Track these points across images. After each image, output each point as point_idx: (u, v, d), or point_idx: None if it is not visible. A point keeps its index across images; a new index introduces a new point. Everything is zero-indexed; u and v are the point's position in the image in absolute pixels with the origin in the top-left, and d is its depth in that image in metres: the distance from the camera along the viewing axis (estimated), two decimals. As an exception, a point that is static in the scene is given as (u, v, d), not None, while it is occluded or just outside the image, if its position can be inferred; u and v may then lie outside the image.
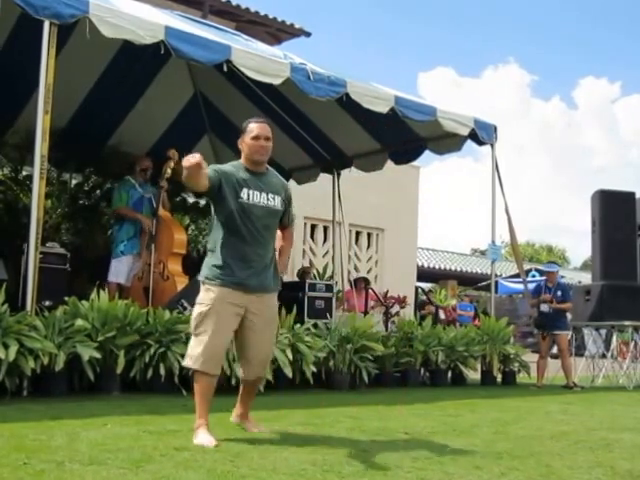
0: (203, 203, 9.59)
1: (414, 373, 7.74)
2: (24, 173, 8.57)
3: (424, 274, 20.70)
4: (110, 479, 2.77)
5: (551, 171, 70.11)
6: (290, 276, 10.30)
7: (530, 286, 10.11)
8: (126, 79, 8.42)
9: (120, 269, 7.37)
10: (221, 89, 8.91)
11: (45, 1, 5.34)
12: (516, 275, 18.74)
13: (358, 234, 14.58)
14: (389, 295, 11.90)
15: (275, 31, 12.24)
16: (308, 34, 12.50)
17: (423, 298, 15.03)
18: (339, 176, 10.01)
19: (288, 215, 4.09)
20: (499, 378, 8.46)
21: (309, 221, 13.24)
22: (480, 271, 24.00)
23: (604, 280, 9.30)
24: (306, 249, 13.57)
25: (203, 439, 3.54)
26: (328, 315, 7.76)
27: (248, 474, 2.93)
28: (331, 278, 10.68)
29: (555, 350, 9.36)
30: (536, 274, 18.50)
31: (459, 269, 23.98)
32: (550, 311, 8.75)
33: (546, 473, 3.26)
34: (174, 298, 6.52)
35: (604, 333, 10.42)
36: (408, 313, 10.91)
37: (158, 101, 9.07)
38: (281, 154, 8.25)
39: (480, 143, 8.70)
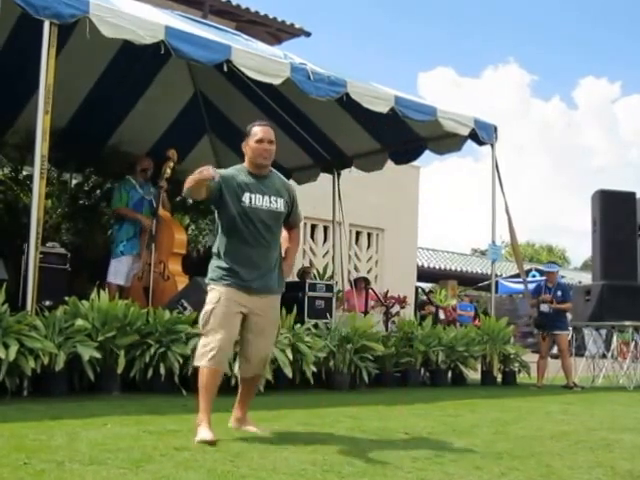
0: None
1: (414, 373, 7.74)
2: (24, 173, 8.57)
3: (424, 274, 20.68)
4: (110, 479, 2.77)
5: (551, 171, 70.18)
6: (290, 276, 10.27)
7: (530, 286, 10.10)
8: (126, 79, 8.42)
9: (120, 269, 7.36)
10: (221, 89, 8.92)
11: (45, 1, 5.34)
12: (516, 275, 18.73)
13: (358, 234, 14.56)
14: (389, 295, 11.87)
15: (275, 31, 12.22)
16: (308, 34, 12.49)
17: (423, 298, 15.02)
18: (339, 176, 10.01)
19: (294, 216, 4.10)
20: (499, 378, 8.47)
21: (309, 221, 13.21)
22: (480, 271, 23.99)
23: (604, 280, 9.29)
24: (306, 249, 13.55)
25: (204, 434, 3.57)
26: (328, 315, 7.76)
27: (248, 474, 2.93)
28: (331, 278, 10.67)
29: (555, 350, 9.36)
30: (536, 274, 18.49)
31: (459, 269, 23.98)
32: (550, 311, 8.76)
33: (546, 473, 3.26)
34: (174, 298, 6.51)
35: (604, 333, 10.43)
36: (408, 313, 10.90)
37: (158, 101, 9.07)
38: (281, 154, 8.15)
39: (480, 143, 8.70)
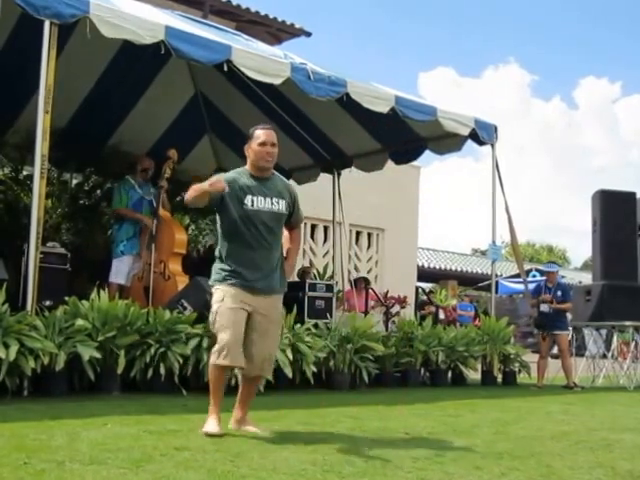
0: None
1: (414, 373, 7.74)
2: (24, 173, 8.56)
3: (424, 274, 20.68)
4: (110, 479, 2.77)
5: (551, 171, 70.16)
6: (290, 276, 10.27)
7: (530, 286, 10.11)
8: (126, 79, 8.42)
9: (121, 269, 7.36)
10: (221, 89, 8.92)
11: (46, 1, 5.35)
12: (516, 275, 18.74)
13: (358, 234, 14.55)
14: (389, 295, 11.86)
15: (275, 31, 12.22)
16: (308, 34, 12.48)
17: (423, 298, 15.01)
18: (339, 176, 10.01)
19: (295, 216, 4.13)
20: (499, 378, 8.47)
21: (309, 221, 13.20)
22: (480, 271, 23.99)
23: (604, 280, 9.29)
24: (306, 249, 13.54)
25: (211, 427, 3.72)
26: (328, 315, 7.76)
27: (248, 474, 2.93)
28: (331, 278, 10.67)
29: (555, 350, 9.36)
30: (536, 274, 18.47)
31: (459, 269, 23.98)
32: (550, 311, 8.75)
33: (547, 473, 3.26)
34: (174, 298, 6.51)
35: (604, 333, 10.42)
36: (408, 313, 10.89)
37: (158, 101, 9.07)
38: (281, 154, 8.22)
39: (480, 143, 8.70)
